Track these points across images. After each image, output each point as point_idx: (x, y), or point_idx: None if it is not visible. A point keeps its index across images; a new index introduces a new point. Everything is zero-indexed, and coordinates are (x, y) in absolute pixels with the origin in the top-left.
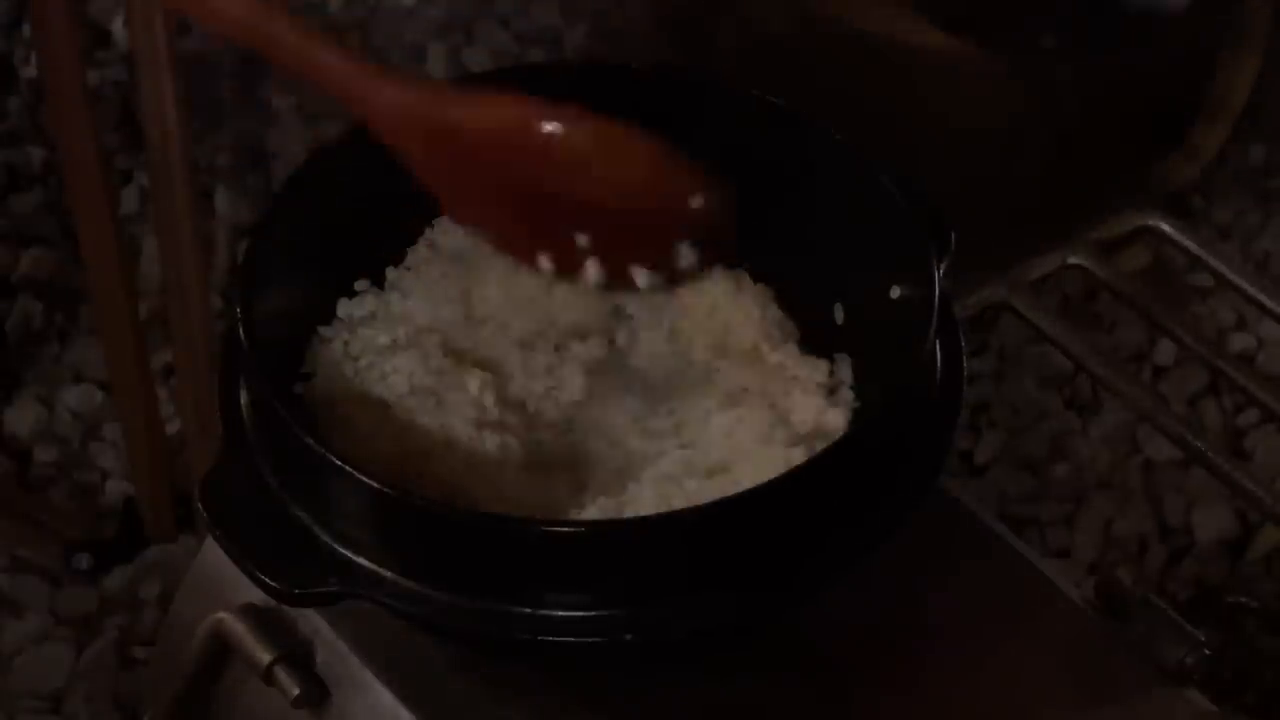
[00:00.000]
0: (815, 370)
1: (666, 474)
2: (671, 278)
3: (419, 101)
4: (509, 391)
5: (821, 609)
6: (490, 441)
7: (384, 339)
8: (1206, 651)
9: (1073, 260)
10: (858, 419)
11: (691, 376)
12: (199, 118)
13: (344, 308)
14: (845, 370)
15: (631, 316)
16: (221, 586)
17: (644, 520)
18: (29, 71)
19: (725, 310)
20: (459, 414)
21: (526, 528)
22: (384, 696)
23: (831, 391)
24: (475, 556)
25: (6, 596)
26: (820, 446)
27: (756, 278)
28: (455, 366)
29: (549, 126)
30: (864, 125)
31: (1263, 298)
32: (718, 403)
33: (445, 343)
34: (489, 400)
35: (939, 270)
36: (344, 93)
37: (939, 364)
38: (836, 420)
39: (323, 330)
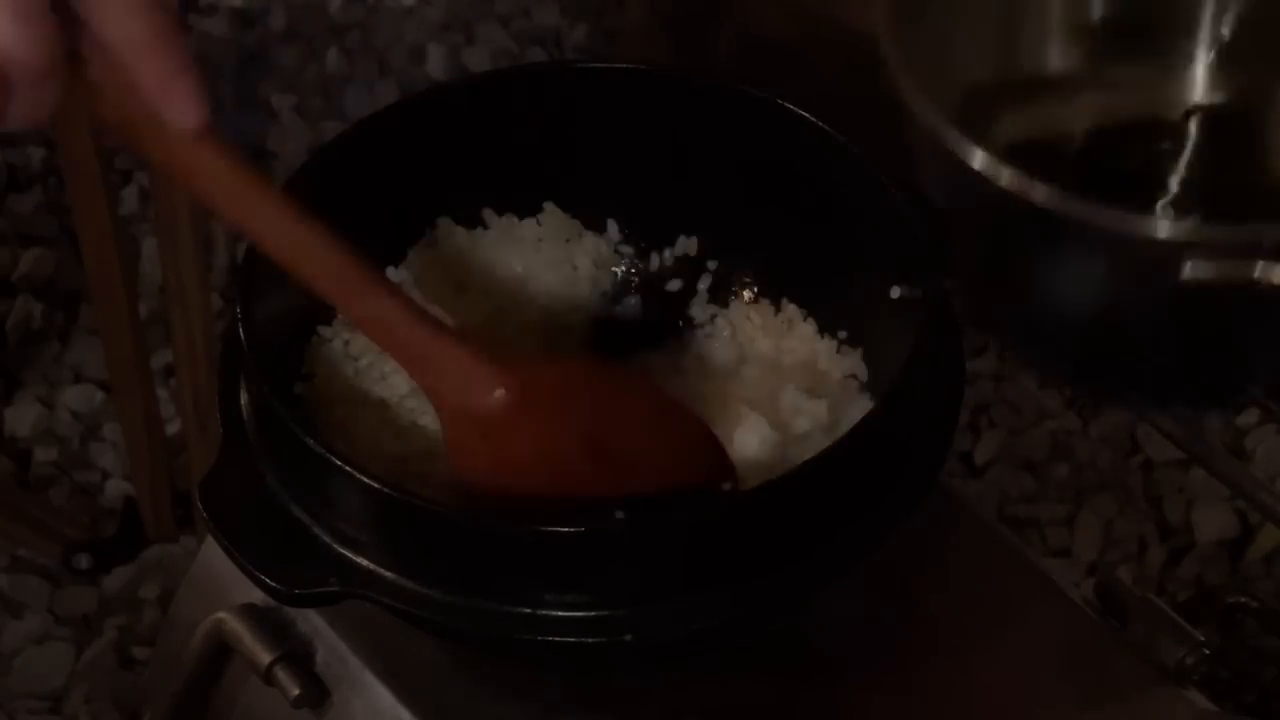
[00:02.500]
0: (815, 369)
1: None
2: None
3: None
4: None
5: (821, 609)
6: None
7: None
8: (1206, 651)
9: None
10: (860, 419)
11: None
12: None
13: None
14: (849, 369)
15: None
16: (221, 586)
17: (644, 520)
18: None
19: (728, 314)
20: None
21: (526, 528)
22: (384, 696)
23: (835, 391)
24: (475, 556)
25: (6, 596)
26: (820, 446)
27: (757, 278)
28: None
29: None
30: (864, 125)
31: None
32: (718, 403)
33: None
34: None
35: (939, 270)
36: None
37: (939, 364)
38: (839, 420)
39: (323, 330)
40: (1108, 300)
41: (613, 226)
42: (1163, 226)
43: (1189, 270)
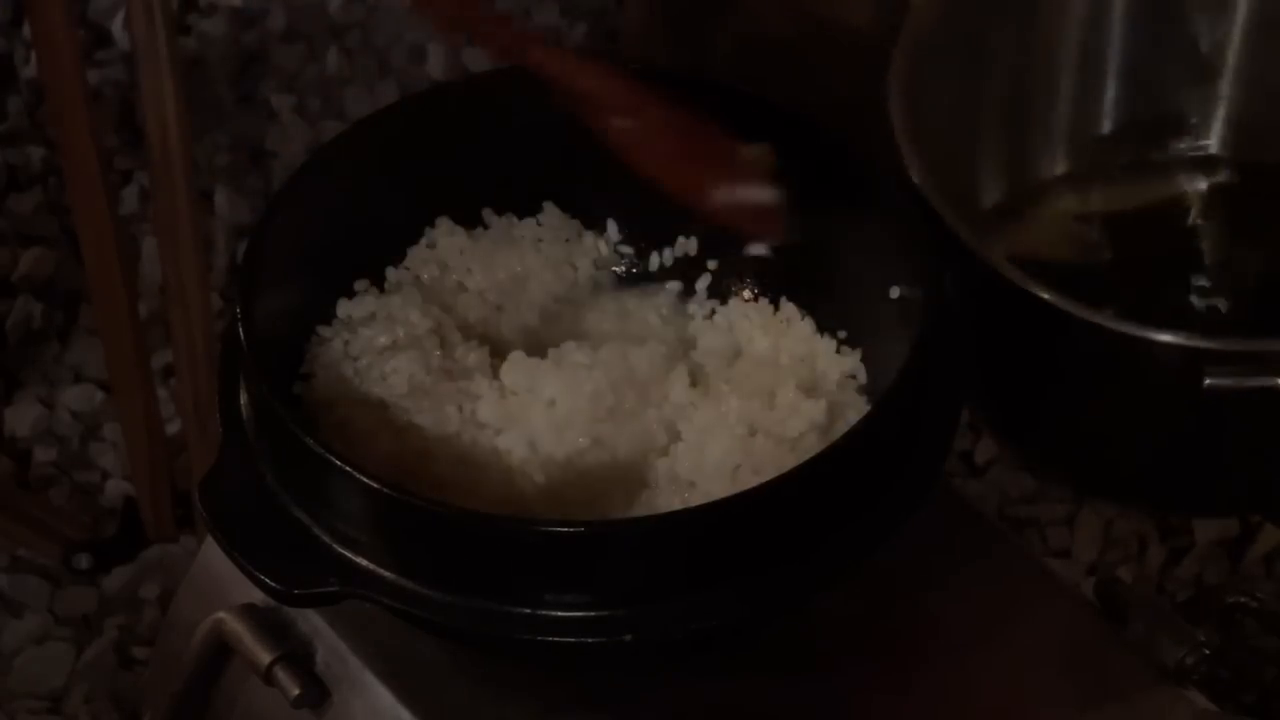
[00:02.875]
0: (814, 369)
1: (667, 475)
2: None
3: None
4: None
5: (822, 609)
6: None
7: (383, 339)
8: (1206, 651)
9: None
10: (859, 419)
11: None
12: (199, 118)
13: (344, 308)
14: (847, 370)
15: (631, 316)
16: (221, 586)
17: (643, 520)
18: (29, 71)
19: (727, 313)
20: (458, 414)
21: (526, 528)
22: (384, 696)
23: (833, 391)
24: (474, 556)
25: (6, 596)
26: (820, 447)
27: (756, 277)
28: (455, 367)
29: None
30: (864, 125)
31: None
32: (718, 403)
33: (445, 343)
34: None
35: (940, 270)
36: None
37: (939, 364)
38: (837, 421)
39: (322, 330)
40: (1124, 408)
41: (612, 226)
42: (1184, 336)
43: (1209, 380)
